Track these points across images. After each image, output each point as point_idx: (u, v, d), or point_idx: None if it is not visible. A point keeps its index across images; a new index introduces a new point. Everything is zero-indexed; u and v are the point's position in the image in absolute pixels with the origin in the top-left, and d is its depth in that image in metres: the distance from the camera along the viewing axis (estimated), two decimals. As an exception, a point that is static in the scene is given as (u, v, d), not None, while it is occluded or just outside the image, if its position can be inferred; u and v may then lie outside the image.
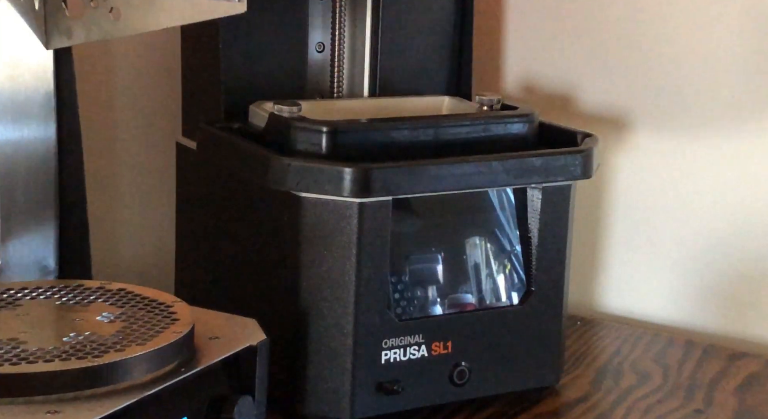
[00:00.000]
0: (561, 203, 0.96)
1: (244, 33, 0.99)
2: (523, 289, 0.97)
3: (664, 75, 1.16)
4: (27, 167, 0.94)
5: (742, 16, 1.12)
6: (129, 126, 1.15)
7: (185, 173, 1.06)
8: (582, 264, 1.21)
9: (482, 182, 0.92)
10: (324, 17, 1.04)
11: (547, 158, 0.94)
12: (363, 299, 0.89)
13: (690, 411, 0.98)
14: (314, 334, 0.90)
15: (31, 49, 0.92)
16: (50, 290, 0.83)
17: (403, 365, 0.91)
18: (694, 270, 1.18)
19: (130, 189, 1.17)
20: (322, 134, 0.90)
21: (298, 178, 0.87)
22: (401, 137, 0.92)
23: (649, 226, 1.19)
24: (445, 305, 0.94)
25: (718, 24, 1.13)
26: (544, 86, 1.23)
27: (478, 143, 0.95)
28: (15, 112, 0.93)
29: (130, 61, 1.14)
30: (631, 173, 1.19)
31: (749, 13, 1.11)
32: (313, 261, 0.89)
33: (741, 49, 1.12)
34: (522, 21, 1.23)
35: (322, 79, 1.05)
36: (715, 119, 1.15)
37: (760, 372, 1.07)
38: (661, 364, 1.08)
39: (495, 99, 1.01)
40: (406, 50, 1.06)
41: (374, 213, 0.88)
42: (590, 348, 1.11)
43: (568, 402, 0.99)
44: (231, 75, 0.99)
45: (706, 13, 1.14)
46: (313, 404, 0.90)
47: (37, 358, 0.71)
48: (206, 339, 0.80)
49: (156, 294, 0.83)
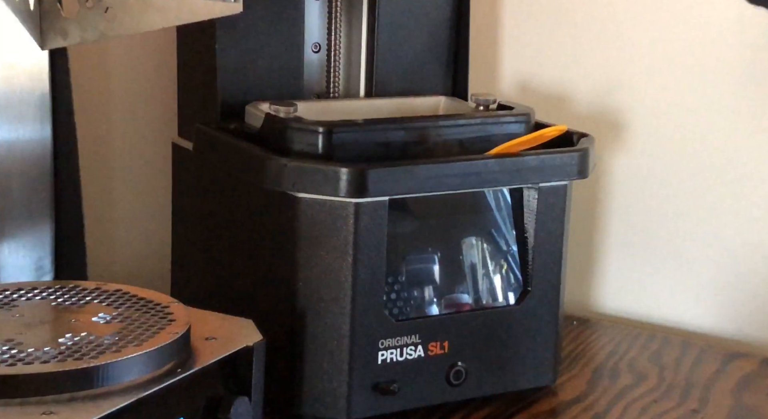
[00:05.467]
0: (557, 203, 0.96)
1: (240, 33, 0.99)
2: (520, 289, 0.97)
3: (661, 74, 1.17)
4: (22, 167, 0.94)
5: (737, 14, 1.12)
6: (125, 126, 1.15)
7: (181, 174, 1.05)
8: (578, 264, 1.21)
9: (478, 182, 0.92)
10: (320, 17, 1.04)
11: (543, 158, 0.94)
12: (359, 299, 0.89)
13: (686, 411, 0.98)
14: (311, 334, 0.90)
15: (26, 49, 0.92)
16: (46, 291, 0.83)
17: (399, 365, 0.91)
18: (690, 270, 1.18)
19: (126, 190, 1.16)
20: (318, 135, 0.90)
21: (295, 178, 0.87)
22: (397, 137, 0.92)
23: (645, 226, 1.19)
24: (441, 306, 0.94)
25: (715, 23, 1.13)
26: (540, 86, 1.23)
27: (474, 143, 0.95)
28: (10, 112, 0.93)
29: (125, 62, 1.14)
30: (626, 173, 1.20)
31: (745, 11, 1.11)
32: (310, 261, 0.89)
33: (737, 47, 1.12)
34: (518, 21, 1.23)
35: (318, 79, 1.05)
36: (712, 119, 1.15)
37: (756, 372, 1.07)
38: (657, 364, 1.08)
39: (491, 99, 1.01)
40: (402, 51, 1.06)
41: (370, 213, 0.88)
42: (586, 348, 1.11)
43: (564, 402, 0.99)
44: (227, 75, 0.99)
45: (703, 12, 1.14)
46: (309, 404, 0.90)
47: (33, 359, 0.70)
48: (203, 339, 0.80)
49: (152, 295, 0.83)
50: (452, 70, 1.09)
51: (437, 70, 1.08)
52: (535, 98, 1.22)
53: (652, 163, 1.18)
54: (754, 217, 1.14)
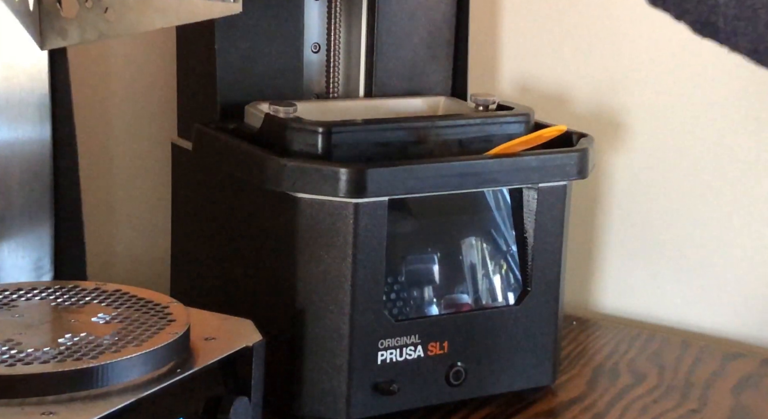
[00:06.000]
0: (557, 203, 0.96)
1: (240, 33, 0.99)
2: (519, 289, 0.97)
3: (660, 74, 1.16)
4: (22, 168, 0.94)
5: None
6: (124, 126, 1.15)
7: (181, 174, 1.05)
8: (578, 264, 1.21)
9: (478, 183, 0.92)
10: (320, 18, 1.04)
11: (542, 158, 0.94)
12: (359, 299, 0.89)
13: (685, 411, 0.98)
14: (310, 335, 0.90)
15: (25, 50, 0.92)
16: (46, 292, 0.83)
17: (399, 365, 0.91)
18: (689, 270, 1.18)
19: (126, 190, 1.16)
20: (317, 135, 0.90)
21: (294, 178, 0.87)
22: (397, 137, 0.92)
23: (645, 226, 1.19)
24: (441, 306, 0.94)
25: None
26: (540, 86, 1.23)
27: (473, 143, 0.95)
28: (10, 113, 0.93)
29: (125, 62, 1.14)
30: (626, 173, 1.20)
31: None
32: (309, 262, 0.89)
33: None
34: (518, 21, 1.23)
35: (317, 79, 1.05)
36: (712, 119, 1.15)
37: (755, 372, 1.07)
38: (656, 364, 1.08)
39: (491, 99, 1.01)
40: (401, 51, 1.06)
41: (370, 214, 0.88)
42: (586, 348, 1.11)
43: (564, 402, 0.99)
44: (226, 75, 0.98)
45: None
46: (309, 405, 0.90)
47: (32, 359, 0.70)
48: (202, 340, 0.79)
49: (152, 295, 0.83)
50: (452, 70, 1.09)
51: (437, 71, 1.08)
52: (534, 98, 1.22)
53: (651, 163, 1.18)
54: (753, 217, 1.14)
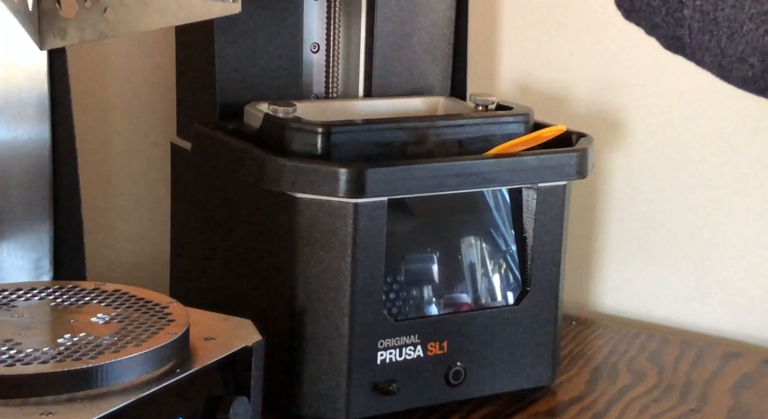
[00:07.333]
0: (556, 202, 0.96)
1: (239, 33, 0.99)
2: (519, 289, 0.97)
3: (660, 74, 1.16)
4: (21, 167, 0.94)
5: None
6: (123, 126, 1.15)
7: (180, 174, 1.05)
8: (577, 264, 1.21)
9: (477, 183, 0.92)
10: (319, 17, 1.04)
11: (542, 158, 0.94)
12: (358, 299, 0.89)
13: (685, 411, 0.98)
14: (310, 334, 0.90)
15: (24, 49, 0.92)
16: (45, 292, 0.83)
17: (398, 365, 0.91)
18: (689, 269, 1.18)
19: (125, 190, 1.16)
20: (317, 135, 0.90)
21: (293, 178, 0.87)
22: (396, 137, 0.92)
23: (645, 226, 1.19)
24: (440, 306, 0.94)
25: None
26: (539, 86, 1.23)
27: (473, 143, 0.95)
28: (9, 113, 0.93)
29: (124, 62, 1.14)
30: (626, 173, 1.20)
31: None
32: (309, 262, 0.89)
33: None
34: (517, 21, 1.23)
35: (317, 79, 1.05)
36: (712, 119, 1.15)
37: (755, 372, 1.07)
38: (656, 364, 1.08)
39: (490, 99, 1.01)
40: (400, 51, 1.06)
41: (369, 213, 0.87)
42: (585, 348, 1.11)
43: (563, 402, 0.99)
44: (226, 75, 0.98)
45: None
46: (308, 405, 0.90)
47: (32, 360, 0.70)
48: (201, 339, 0.79)
49: (151, 295, 0.83)
50: (451, 70, 1.09)
51: (436, 71, 1.08)
52: (534, 98, 1.22)
53: (651, 162, 1.18)
54: (752, 216, 1.14)
